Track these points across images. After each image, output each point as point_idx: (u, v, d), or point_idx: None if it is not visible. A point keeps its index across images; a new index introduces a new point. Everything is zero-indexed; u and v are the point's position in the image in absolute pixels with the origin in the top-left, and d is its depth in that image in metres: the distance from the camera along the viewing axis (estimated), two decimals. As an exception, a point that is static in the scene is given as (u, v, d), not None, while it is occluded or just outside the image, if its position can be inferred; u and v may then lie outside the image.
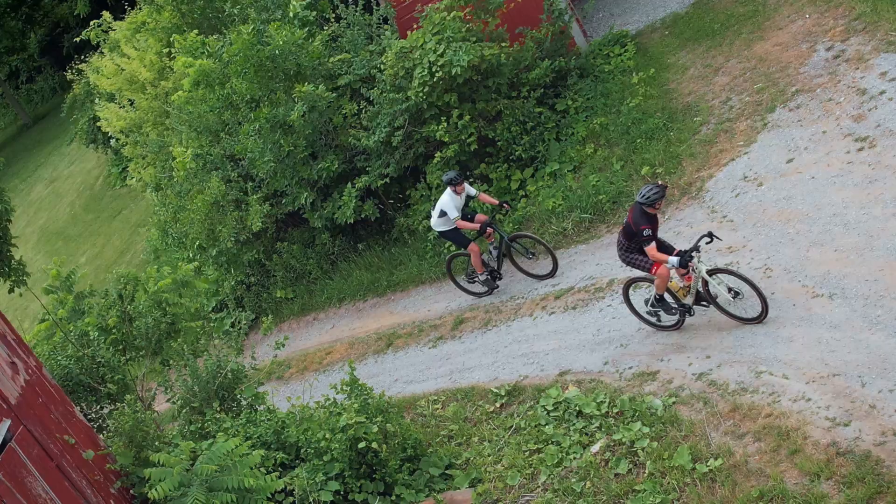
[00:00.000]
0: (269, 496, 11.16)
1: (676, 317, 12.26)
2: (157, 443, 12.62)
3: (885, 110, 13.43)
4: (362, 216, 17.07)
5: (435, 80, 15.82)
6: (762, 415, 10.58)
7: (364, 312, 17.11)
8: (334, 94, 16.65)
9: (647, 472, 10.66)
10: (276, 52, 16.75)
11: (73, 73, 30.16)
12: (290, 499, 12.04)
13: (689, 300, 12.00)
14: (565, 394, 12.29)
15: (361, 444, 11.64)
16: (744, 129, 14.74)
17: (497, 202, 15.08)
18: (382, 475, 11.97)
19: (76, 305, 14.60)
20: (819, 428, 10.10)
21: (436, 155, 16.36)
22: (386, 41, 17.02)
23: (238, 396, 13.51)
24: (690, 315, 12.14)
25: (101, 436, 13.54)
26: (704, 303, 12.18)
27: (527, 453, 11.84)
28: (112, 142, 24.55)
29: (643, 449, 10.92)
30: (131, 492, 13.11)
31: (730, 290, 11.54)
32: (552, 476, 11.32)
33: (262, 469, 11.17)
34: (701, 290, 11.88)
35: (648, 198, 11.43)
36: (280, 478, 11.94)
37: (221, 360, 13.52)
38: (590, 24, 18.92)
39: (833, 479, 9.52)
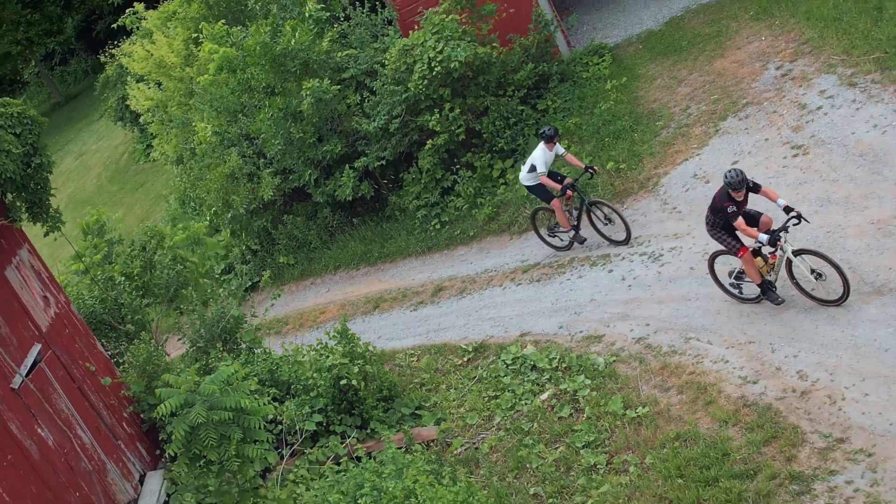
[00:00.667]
0: (262, 426, 12.32)
1: (758, 291, 12.05)
2: (166, 374, 13.77)
3: (820, 123, 14.60)
4: (359, 194, 18.23)
5: (433, 74, 16.93)
6: (686, 372, 11.76)
7: (356, 279, 18.26)
8: (339, 87, 17.77)
9: (585, 415, 11.85)
10: (288, 49, 17.94)
11: (105, 57, 31.29)
12: (280, 427, 13.23)
13: (772, 277, 11.82)
14: (523, 351, 13.47)
15: (343, 382, 12.83)
16: (698, 134, 15.90)
17: (583, 166, 14.98)
18: (360, 411, 13.13)
19: (106, 252, 15.75)
20: (732, 384, 11.28)
21: (427, 142, 17.50)
22: (389, 40, 18.19)
23: (238, 340, 14.66)
24: (773, 291, 11.88)
25: (117, 368, 14.72)
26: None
27: (486, 399, 13.03)
28: (140, 118, 25.61)
29: (584, 397, 12.10)
30: (141, 416, 14.31)
31: (812, 271, 11.35)
32: (505, 418, 12.50)
33: (256, 396, 12.33)
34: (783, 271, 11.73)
35: (730, 182, 11.36)
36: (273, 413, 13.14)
37: (225, 308, 14.69)
38: (574, 36, 20.07)
39: (738, 425, 10.70)
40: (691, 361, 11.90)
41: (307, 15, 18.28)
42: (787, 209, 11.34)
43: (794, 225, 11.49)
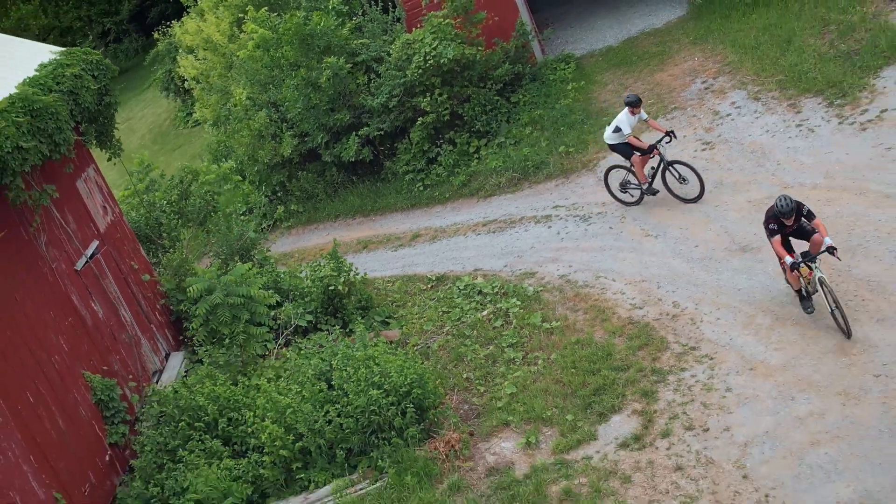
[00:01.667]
0: (266, 312, 14.66)
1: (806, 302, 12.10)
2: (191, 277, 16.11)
3: (727, 127, 16.94)
4: (360, 157, 20.54)
5: (427, 65, 19.27)
6: (592, 299, 14.12)
7: (352, 226, 20.56)
8: (351, 67, 20.13)
9: (512, 326, 14.21)
10: (316, 31, 20.31)
11: (158, 35, 33.68)
12: (278, 323, 15.55)
13: (801, 288, 12.02)
14: (474, 281, 15.80)
15: (331, 289, 15.18)
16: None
17: (664, 130, 15.48)
18: (343, 315, 15.45)
19: (149, 183, 18.10)
20: (623, 309, 13.64)
21: (419, 120, 19.82)
22: (396, 34, 20.54)
23: (253, 256, 16.99)
24: (809, 303, 12.00)
25: (154, 270, 17.04)
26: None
27: (440, 313, 15.37)
28: (185, 85, 27.91)
29: (513, 313, 14.44)
30: (170, 308, 16.63)
31: (835, 301, 11.41)
32: (453, 326, 14.84)
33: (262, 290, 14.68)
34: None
35: (779, 209, 11.49)
36: (273, 312, 15.51)
37: (244, 230, 17.03)
38: (548, 45, 22.39)
39: (622, 336, 13.06)
40: (597, 292, 14.26)
41: (331, 7, 20.64)
42: (831, 249, 11.30)
43: (820, 253, 11.59)
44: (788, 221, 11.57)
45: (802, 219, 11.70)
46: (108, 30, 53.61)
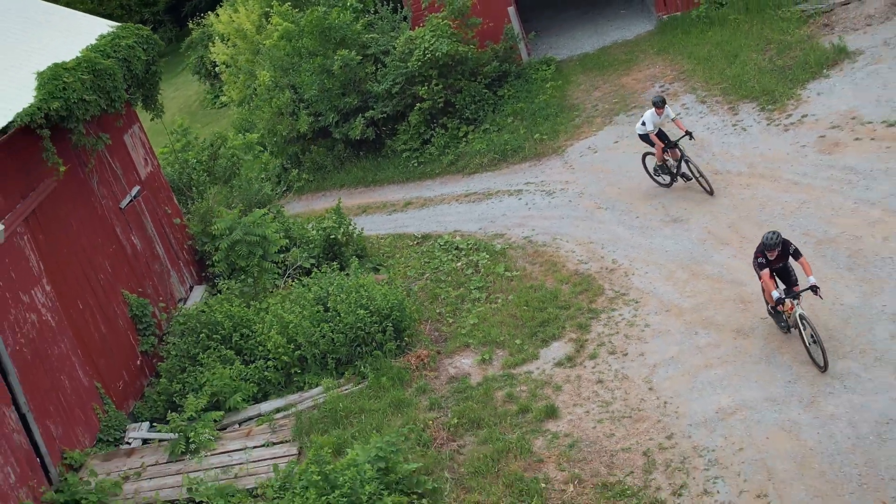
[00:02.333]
0: (277, 250, 16.53)
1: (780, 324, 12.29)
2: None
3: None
4: (365, 136, 22.44)
5: (426, 58, 21.19)
6: (548, 255, 16.01)
7: (354, 194, 22.43)
8: (361, 58, 22.03)
9: (480, 274, 16.10)
10: (333, 25, 22.23)
11: (193, 24, 35.58)
12: (286, 265, 17.43)
13: (783, 321, 12.16)
14: (453, 240, 17.69)
15: (332, 237, 17.08)
16: (598, 122, 20.14)
17: (684, 130, 15.89)
18: (340, 260, 17.32)
19: (185, 144, 20.00)
20: (572, 263, 15.54)
21: (417, 105, 21.73)
22: (401, 31, 22.44)
23: (268, 208, 18.87)
24: (786, 331, 12.21)
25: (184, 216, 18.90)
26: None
27: (422, 263, 17.26)
28: (216, 69, 29.82)
29: (482, 264, 16.33)
30: (196, 248, 18.50)
31: (812, 336, 11.43)
32: (432, 273, 16.74)
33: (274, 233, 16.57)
34: None
35: (765, 242, 11.57)
36: (282, 255, 17.39)
37: (262, 187, 18.93)
38: (534, 49, 24.27)
39: (568, 284, 14.96)
40: (552, 251, 16.16)
41: (348, 4, 22.55)
42: (814, 287, 11.35)
43: (801, 291, 11.64)
44: (772, 255, 11.53)
45: (790, 258, 11.69)
46: (145, 19, 55.53)
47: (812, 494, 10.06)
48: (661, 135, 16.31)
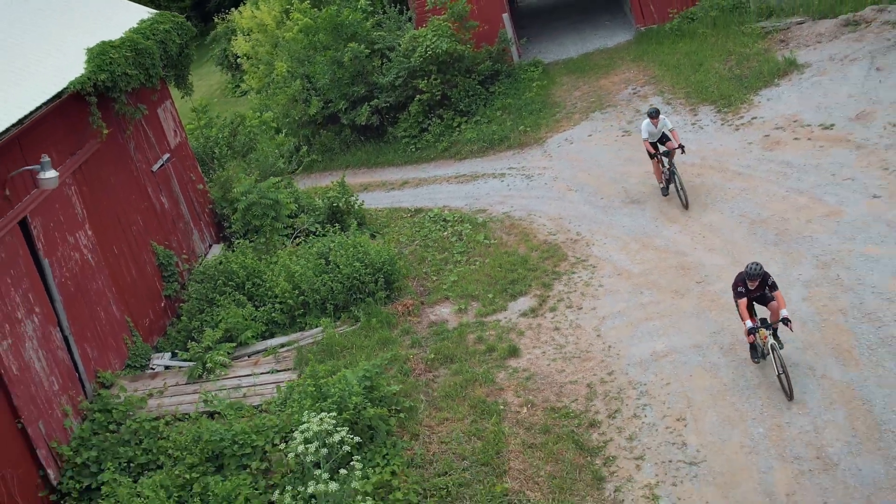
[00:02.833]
0: (288, 214, 18.08)
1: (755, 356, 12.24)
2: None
3: (642, 121, 20.38)
4: (370, 122, 23.99)
5: (427, 54, 22.76)
6: (521, 228, 17.55)
7: (358, 175, 23.94)
8: (369, 51, 23.59)
9: (463, 241, 17.66)
10: (346, 23, 23.79)
11: (218, 19, 37.15)
12: (295, 228, 18.98)
13: (757, 354, 12.14)
14: (442, 213, 19.22)
15: (335, 205, 18.62)
16: (576, 118, 21.70)
17: (677, 143, 16.18)
18: (342, 225, 18.86)
19: (209, 120, 21.55)
20: (542, 234, 17.09)
21: (417, 97, 23.28)
22: (406, 30, 24.01)
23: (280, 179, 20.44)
24: (756, 361, 12.18)
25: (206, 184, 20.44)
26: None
27: (414, 231, 18.79)
28: (237, 60, 31.39)
29: (465, 233, 17.87)
30: (216, 212, 20.05)
31: (781, 368, 11.49)
32: (422, 240, 18.27)
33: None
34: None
35: (748, 272, 11.61)
36: (291, 221, 18.92)
37: (275, 161, 20.48)
38: (525, 51, 25.85)
39: (537, 251, 16.50)
40: (526, 224, 17.72)
41: (359, 5, 24.13)
42: (785, 320, 11.46)
43: (783, 326, 11.65)
44: (752, 284, 11.57)
45: (767, 288, 11.71)
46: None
47: (722, 419, 11.62)
48: (655, 146, 16.53)
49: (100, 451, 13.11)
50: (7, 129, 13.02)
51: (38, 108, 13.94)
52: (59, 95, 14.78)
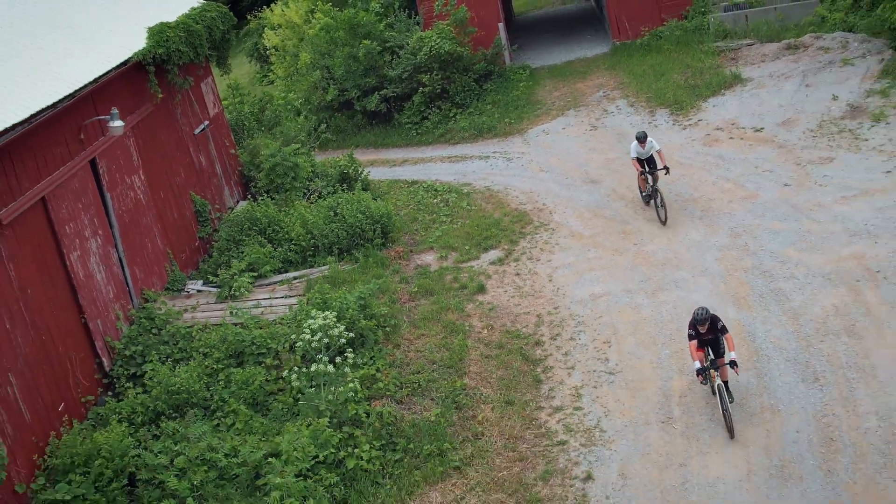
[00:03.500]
0: (306, 175, 20.30)
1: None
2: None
3: (608, 119, 22.62)
4: (378, 109, 26.21)
5: (431, 54, 25.01)
6: (498, 198, 19.78)
7: (366, 153, 26.08)
8: (381, 48, 25.83)
9: (449, 206, 19.90)
10: (361, 23, 26.05)
11: (251, 16, 39.40)
12: (310, 191, 21.20)
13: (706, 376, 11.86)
14: (434, 185, 21.47)
15: (344, 171, 20.86)
16: (554, 114, 23.93)
17: (663, 165, 16.66)
18: (350, 185, 21.06)
19: (240, 97, 23.79)
20: (514, 203, 19.31)
21: (420, 89, 25.51)
22: (414, 32, 26.25)
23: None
24: (706, 380, 11.91)
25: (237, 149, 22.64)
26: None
27: (409, 197, 21.02)
28: (266, 52, 33.63)
29: (451, 201, 20.10)
30: (244, 174, 22.28)
31: (725, 406, 11.51)
32: (416, 204, 20.50)
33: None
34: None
35: (696, 318, 11.58)
36: (307, 184, 21.14)
37: (297, 134, 22.72)
38: (516, 57, 28.06)
39: (509, 216, 18.73)
40: (503, 195, 19.95)
41: (373, 8, 26.38)
42: (732, 363, 11.44)
43: (713, 359, 11.82)
44: (703, 328, 11.57)
45: (717, 332, 11.70)
46: (208, 11, 59.24)
47: (638, 343, 13.86)
48: (642, 163, 16.99)
49: (144, 347, 15.33)
50: (84, 86, 15.25)
51: (108, 72, 16.17)
52: (124, 63, 17.00)
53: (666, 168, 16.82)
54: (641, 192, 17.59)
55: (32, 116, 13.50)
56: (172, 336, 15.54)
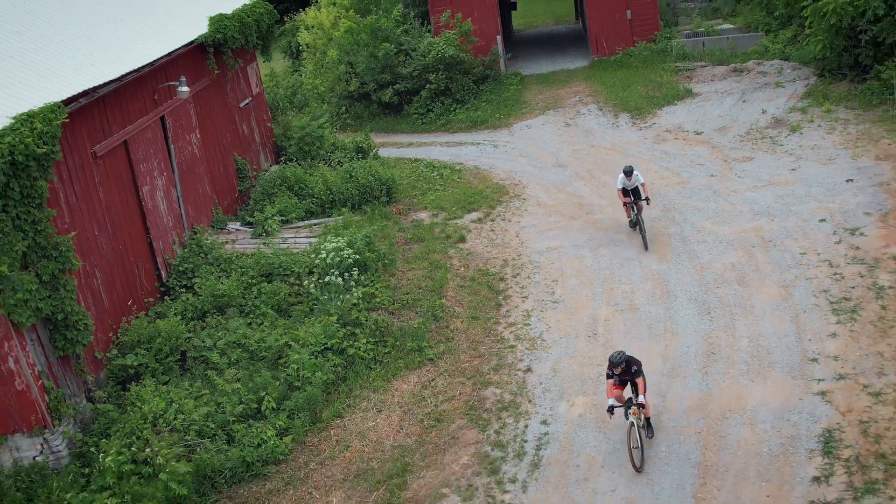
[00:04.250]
0: (329, 145, 23.06)
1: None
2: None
3: (580, 119, 25.36)
4: (392, 101, 28.95)
5: (438, 57, 27.75)
6: (483, 174, 22.53)
7: (379, 137, 28.58)
8: (396, 50, 28.58)
9: (443, 179, 22.63)
10: (381, 28, 28.82)
11: (287, 18, 42.17)
12: (331, 160, 23.94)
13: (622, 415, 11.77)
14: (432, 162, 24.19)
15: (360, 146, 23.60)
16: (536, 113, 26.68)
17: (645, 195, 16.93)
18: (364, 156, 23.77)
19: (276, 81, 26.53)
20: (496, 178, 22.05)
21: (427, 86, 28.24)
22: (426, 38, 29.02)
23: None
24: (611, 412, 11.42)
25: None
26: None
27: (411, 171, 23.78)
28: (299, 48, 36.39)
29: (445, 175, 22.82)
30: (276, 143, 25.04)
31: (635, 443, 11.26)
32: (417, 175, 23.24)
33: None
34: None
35: (611, 360, 11.24)
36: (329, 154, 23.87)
37: (322, 114, 25.46)
38: (510, 65, 30.81)
39: (490, 188, 21.47)
40: (487, 173, 22.68)
41: (392, 17, 29.16)
42: (639, 405, 11.26)
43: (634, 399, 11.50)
44: (617, 370, 11.31)
45: (631, 374, 11.43)
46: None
47: (579, 283, 16.59)
48: (628, 193, 17.19)
49: (194, 265, 18.07)
50: (160, 58, 18.02)
51: (177, 49, 18.94)
52: (190, 43, 19.78)
53: (647, 199, 16.91)
54: (629, 219, 17.65)
55: (122, 76, 16.26)
56: (216, 259, 18.25)
